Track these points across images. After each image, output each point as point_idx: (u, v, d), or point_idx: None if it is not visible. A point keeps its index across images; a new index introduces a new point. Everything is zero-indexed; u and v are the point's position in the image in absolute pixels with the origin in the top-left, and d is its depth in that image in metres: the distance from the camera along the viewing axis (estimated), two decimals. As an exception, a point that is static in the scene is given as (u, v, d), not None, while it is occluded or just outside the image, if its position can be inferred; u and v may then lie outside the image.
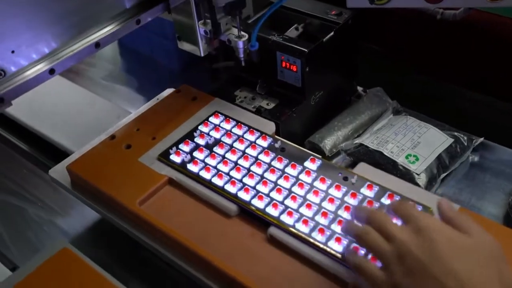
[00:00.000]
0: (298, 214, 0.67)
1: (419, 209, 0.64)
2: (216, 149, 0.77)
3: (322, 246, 0.63)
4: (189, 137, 0.79)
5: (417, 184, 0.78)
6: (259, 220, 0.68)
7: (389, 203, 0.63)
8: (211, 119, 0.82)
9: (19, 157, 0.98)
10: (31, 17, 0.63)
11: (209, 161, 0.75)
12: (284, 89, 0.85)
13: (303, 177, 0.71)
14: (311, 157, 0.74)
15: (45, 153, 0.97)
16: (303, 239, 0.65)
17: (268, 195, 0.69)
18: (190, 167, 0.74)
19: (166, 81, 1.07)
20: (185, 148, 0.77)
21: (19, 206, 0.88)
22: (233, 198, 0.70)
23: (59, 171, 0.79)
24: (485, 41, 0.89)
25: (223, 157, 0.75)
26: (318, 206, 0.68)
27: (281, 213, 0.67)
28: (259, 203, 0.69)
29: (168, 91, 0.91)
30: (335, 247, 0.63)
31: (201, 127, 0.80)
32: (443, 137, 0.84)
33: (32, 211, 0.87)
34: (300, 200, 0.68)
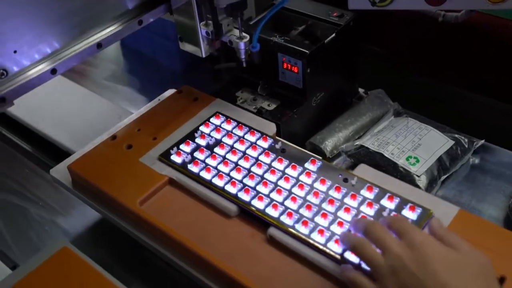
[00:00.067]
0: (298, 215, 0.67)
1: (415, 216, 0.65)
2: (216, 149, 0.77)
3: (321, 247, 0.63)
4: (190, 137, 0.79)
5: (417, 186, 0.78)
6: (259, 220, 0.68)
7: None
8: (212, 120, 0.82)
9: (21, 156, 0.98)
10: (33, 17, 0.63)
11: (210, 161, 0.75)
12: (285, 90, 0.85)
13: (303, 178, 0.72)
14: (312, 158, 0.74)
15: (47, 153, 0.97)
16: (303, 240, 0.65)
17: (268, 196, 0.70)
18: (190, 167, 0.75)
19: (168, 81, 1.07)
20: (186, 148, 0.78)
21: (20, 205, 0.89)
22: (233, 198, 0.70)
23: (60, 171, 0.79)
24: (486, 43, 0.89)
25: (224, 158, 0.75)
26: (318, 207, 0.68)
27: (281, 214, 0.67)
28: (259, 203, 0.69)
29: (169, 92, 0.91)
30: (335, 248, 0.63)
31: (202, 128, 0.81)
32: (443, 139, 0.84)
33: (33, 210, 0.87)
34: (300, 201, 0.69)
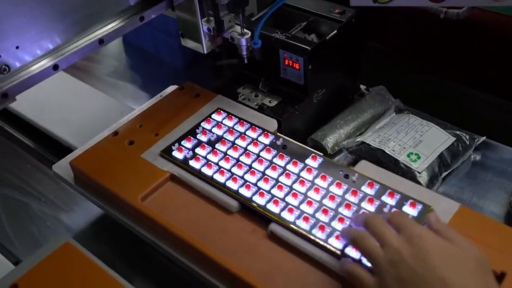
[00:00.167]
0: (299, 211, 0.67)
1: (416, 212, 0.65)
2: (218, 145, 0.77)
3: (322, 243, 0.64)
4: (191, 133, 0.79)
5: (418, 182, 0.78)
6: (260, 216, 0.69)
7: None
8: (213, 116, 0.82)
9: (23, 152, 0.99)
10: (36, 13, 0.63)
11: (211, 157, 0.75)
12: (286, 86, 0.86)
13: (304, 174, 0.72)
14: (313, 154, 0.74)
15: (49, 148, 0.97)
16: (304, 236, 0.65)
17: (269, 192, 0.70)
18: (192, 163, 0.75)
19: (170, 78, 1.08)
20: (188, 144, 0.78)
21: (23, 201, 0.89)
22: (235, 194, 0.70)
23: (62, 167, 0.79)
24: (488, 40, 0.89)
25: (225, 154, 0.76)
26: (318, 203, 0.68)
27: (282, 210, 0.67)
28: (260, 199, 0.69)
29: (171, 88, 0.91)
30: (335, 244, 0.63)
31: (203, 124, 0.81)
32: (445, 135, 0.84)
33: (35, 206, 0.88)
34: (301, 197, 0.69)
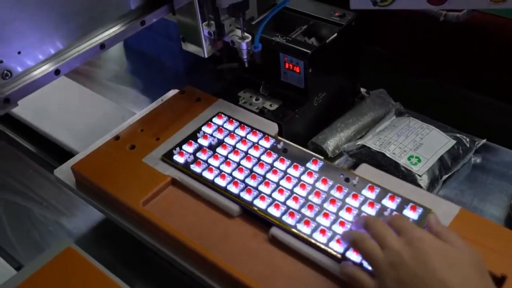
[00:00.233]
0: (299, 214, 0.67)
1: (416, 216, 0.65)
2: (219, 149, 0.77)
3: (323, 246, 0.64)
4: (192, 137, 0.80)
5: (419, 185, 0.78)
6: (261, 220, 0.69)
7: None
8: (214, 120, 0.82)
9: (25, 157, 0.99)
10: (37, 19, 0.63)
11: (212, 161, 0.76)
12: (287, 90, 0.86)
13: (305, 178, 0.72)
14: (313, 158, 0.74)
15: (51, 153, 0.97)
16: (305, 240, 0.65)
17: (270, 196, 0.70)
18: (193, 167, 0.75)
19: (171, 82, 1.08)
20: (189, 148, 0.78)
21: (24, 206, 0.89)
22: (236, 198, 0.70)
23: (64, 171, 0.79)
24: (488, 43, 0.89)
25: (226, 158, 0.76)
26: (319, 207, 0.68)
27: (283, 214, 0.68)
28: (261, 203, 0.69)
29: (172, 92, 0.91)
30: (336, 248, 0.63)
31: (204, 128, 0.81)
32: (445, 138, 0.84)
33: (37, 211, 0.88)
34: (302, 201, 0.69)
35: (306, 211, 0.68)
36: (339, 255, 0.63)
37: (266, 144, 0.77)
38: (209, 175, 0.74)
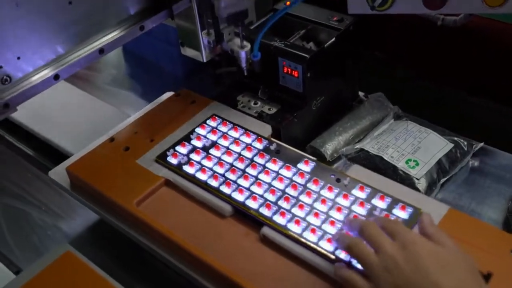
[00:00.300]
0: (290, 214, 0.68)
1: (407, 215, 0.66)
2: (212, 151, 0.78)
3: (313, 245, 0.65)
4: (186, 139, 0.80)
5: (417, 189, 0.79)
6: (253, 220, 0.69)
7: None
8: (208, 122, 0.83)
9: (23, 161, 0.99)
10: (37, 24, 0.64)
11: (205, 162, 0.76)
12: (285, 94, 0.86)
13: (296, 178, 0.73)
14: (305, 159, 0.75)
15: (49, 157, 0.97)
16: (295, 239, 0.66)
17: (262, 196, 0.71)
18: (186, 168, 0.76)
19: (169, 86, 1.07)
20: (182, 150, 0.79)
21: (23, 210, 0.89)
22: (228, 198, 0.71)
23: (59, 173, 0.80)
24: (485, 47, 0.90)
25: (219, 159, 0.76)
26: (310, 207, 0.69)
27: (274, 214, 0.68)
28: (253, 203, 0.70)
29: (167, 95, 0.92)
30: (327, 247, 0.64)
31: (198, 130, 0.82)
32: (443, 142, 0.84)
33: (36, 215, 0.88)
34: (293, 201, 0.70)
35: (296, 211, 0.68)
36: (329, 254, 0.63)
37: (259, 145, 0.78)
38: (202, 176, 0.74)
